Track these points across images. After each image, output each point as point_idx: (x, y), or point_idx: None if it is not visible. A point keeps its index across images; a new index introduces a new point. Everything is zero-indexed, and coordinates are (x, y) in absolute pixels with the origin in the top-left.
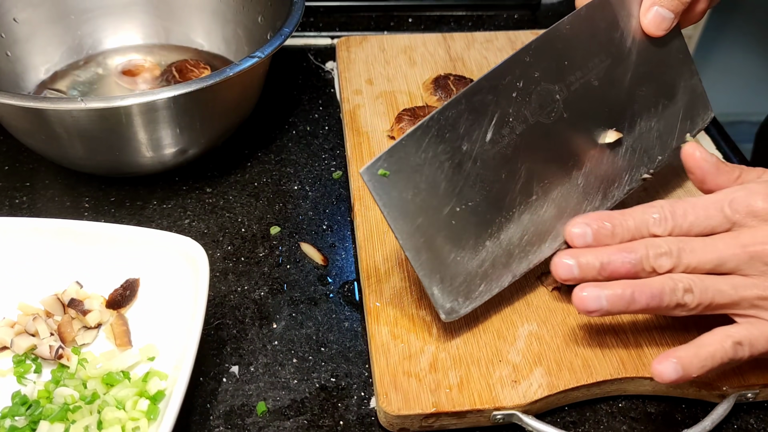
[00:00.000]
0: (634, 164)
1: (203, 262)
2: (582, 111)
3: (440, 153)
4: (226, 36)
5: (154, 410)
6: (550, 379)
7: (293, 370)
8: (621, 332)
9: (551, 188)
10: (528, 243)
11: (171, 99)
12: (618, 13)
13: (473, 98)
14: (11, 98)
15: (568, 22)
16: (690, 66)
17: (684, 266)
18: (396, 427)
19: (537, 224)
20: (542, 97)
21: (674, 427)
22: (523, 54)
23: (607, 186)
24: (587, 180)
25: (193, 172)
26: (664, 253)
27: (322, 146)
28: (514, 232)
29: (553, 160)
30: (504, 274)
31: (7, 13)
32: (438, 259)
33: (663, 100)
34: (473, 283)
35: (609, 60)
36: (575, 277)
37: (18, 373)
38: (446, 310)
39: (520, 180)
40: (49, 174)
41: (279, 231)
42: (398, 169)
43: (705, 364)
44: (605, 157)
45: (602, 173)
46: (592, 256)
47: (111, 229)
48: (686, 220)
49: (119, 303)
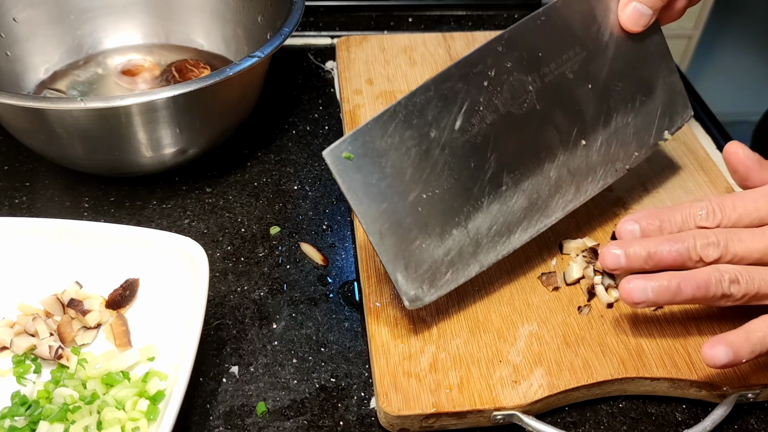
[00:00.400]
0: (609, 159)
1: (203, 262)
2: (555, 103)
3: (407, 138)
4: (225, 36)
5: (154, 410)
6: (550, 379)
7: (293, 371)
8: (621, 332)
9: (522, 179)
10: (497, 234)
11: (171, 99)
12: (595, 6)
13: (443, 85)
14: (11, 98)
15: (544, 14)
16: (669, 63)
17: (731, 256)
18: (396, 427)
19: (506, 215)
20: (514, 88)
21: (675, 427)
22: (496, 43)
23: (581, 180)
24: (559, 173)
25: (193, 172)
26: (711, 243)
27: (322, 146)
28: (482, 221)
29: (524, 151)
30: (471, 264)
31: (7, 12)
32: (402, 246)
33: (640, 96)
34: (439, 271)
35: (584, 53)
36: (622, 266)
37: (17, 373)
38: (410, 297)
39: (489, 169)
40: (48, 174)
41: (279, 231)
42: (363, 152)
43: (755, 349)
44: (579, 151)
45: (575, 167)
46: (639, 246)
47: (111, 229)
48: (735, 212)
49: (119, 303)
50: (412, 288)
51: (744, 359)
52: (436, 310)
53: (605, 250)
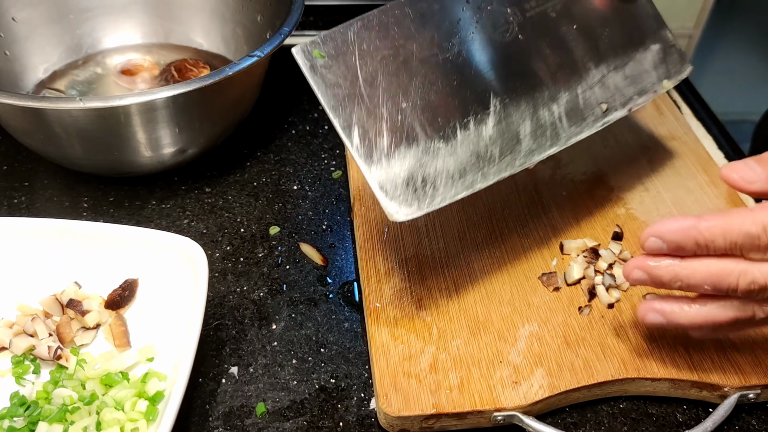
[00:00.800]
0: (607, 98)
1: (202, 263)
2: (540, 37)
3: (382, 47)
4: (225, 35)
5: (153, 411)
6: (550, 380)
7: (293, 371)
8: (622, 333)
9: (510, 106)
10: (484, 158)
11: (170, 98)
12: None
13: (418, 3)
14: (10, 98)
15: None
16: (658, 18)
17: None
18: (396, 428)
19: (493, 140)
20: (494, 17)
21: (675, 428)
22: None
23: (576, 114)
24: (551, 106)
25: (193, 172)
26: (758, 288)
27: (322, 146)
28: (469, 142)
29: (511, 78)
30: (457, 184)
31: (6, 12)
32: (380, 151)
33: (630, 44)
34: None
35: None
36: (647, 283)
37: (16, 373)
38: (392, 208)
39: (475, 89)
40: (48, 174)
41: (278, 231)
42: (335, 54)
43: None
44: (571, 85)
45: (568, 101)
46: (667, 272)
47: (110, 229)
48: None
49: (118, 303)
50: (394, 201)
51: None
52: (436, 311)
53: (628, 267)
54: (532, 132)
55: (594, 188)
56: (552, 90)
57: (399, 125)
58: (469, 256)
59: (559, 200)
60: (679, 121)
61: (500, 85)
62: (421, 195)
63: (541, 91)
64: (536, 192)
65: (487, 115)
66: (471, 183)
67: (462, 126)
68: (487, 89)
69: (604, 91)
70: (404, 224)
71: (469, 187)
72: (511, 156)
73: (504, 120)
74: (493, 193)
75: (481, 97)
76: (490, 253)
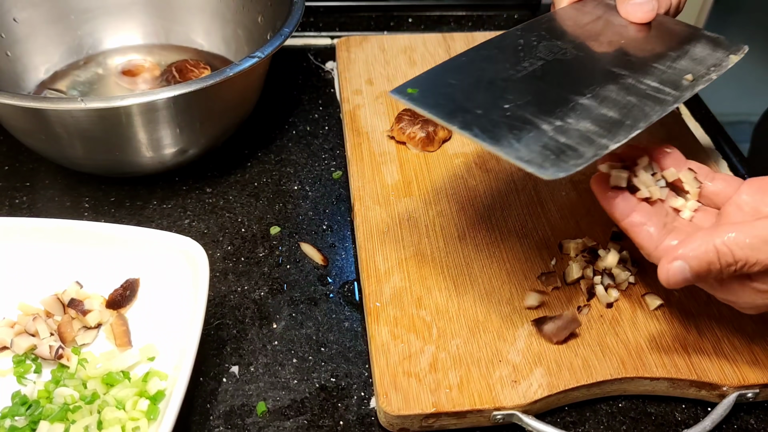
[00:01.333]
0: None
1: (203, 262)
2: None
3: (467, 76)
4: (226, 36)
5: (154, 410)
6: (550, 379)
7: (293, 370)
8: (621, 332)
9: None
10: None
11: (171, 99)
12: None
13: (480, 51)
14: (11, 98)
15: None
16: (694, 29)
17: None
18: (396, 427)
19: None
20: (548, 48)
21: (674, 427)
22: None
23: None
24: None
25: (193, 172)
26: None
27: (322, 146)
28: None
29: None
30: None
31: (7, 13)
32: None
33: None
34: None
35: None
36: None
37: (18, 373)
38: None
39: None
40: (49, 174)
41: (279, 231)
42: (428, 87)
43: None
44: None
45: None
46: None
47: (111, 229)
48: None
49: (119, 303)
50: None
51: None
52: (436, 310)
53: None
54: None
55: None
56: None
57: (512, 118)
58: (469, 256)
59: (559, 200)
60: (678, 121)
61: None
62: (564, 157)
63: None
64: (536, 192)
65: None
66: (606, 143)
67: (571, 109)
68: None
69: (681, 70)
70: (404, 224)
71: (605, 147)
72: (631, 120)
73: (605, 100)
74: (493, 193)
75: (573, 90)
76: (490, 253)
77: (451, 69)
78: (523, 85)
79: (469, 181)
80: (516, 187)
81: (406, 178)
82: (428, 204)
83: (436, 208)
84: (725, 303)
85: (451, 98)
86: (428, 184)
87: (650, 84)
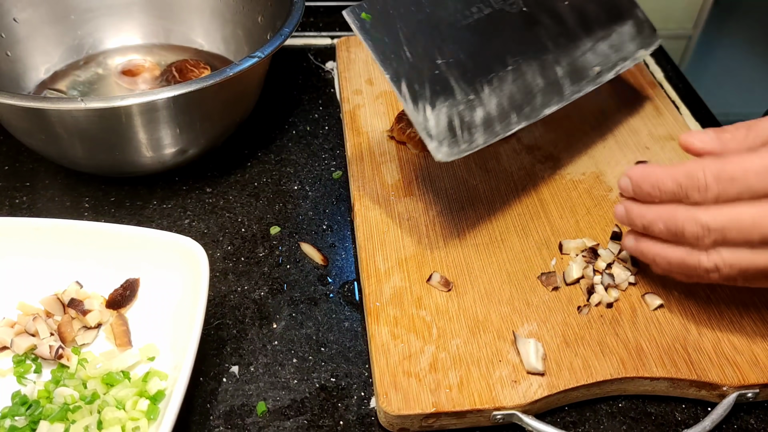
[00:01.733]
0: (599, 62)
1: (203, 262)
2: (541, 10)
3: (416, 12)
4: (225, 36)
5: (154, 410)
6: (550, 379)
7: (293, 370)
8: (621, 332)
9: (523, 63)
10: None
11: (171, 99)
12: None
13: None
14: (11, 98)
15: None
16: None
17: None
18: (396, 427)
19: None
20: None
21: (674, 427)
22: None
23: (576, 75)
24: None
25: (193, 172)
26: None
27: (322, 146)
28: (494, 95)
29: (521, 42)
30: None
31: (7, 13)
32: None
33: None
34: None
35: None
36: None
37: (18, 373)
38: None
39: (494, 51)
40: (49, 174)
41: (279, 231)
42: (379, 16)
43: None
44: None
45: (568, 63)
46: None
47: (111, 229)
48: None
49: (119, 303)
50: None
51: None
52: (436, 310)
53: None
54: (543, 89)
55: (593, 188)
56: (554, 54)
57: (437, 78)
58: (469, 256)
59: (559, 200)
60: (678, 121)
61: (513, 47)
62: (460, 140)
63: (546, 55)
64: (536, 192)
65: (506, 73)
66: (498, 131)
67: (488, 81)
68: (503, 51)
69: (596, 57)
70: (404, 224)
71: (496, 135)
72: (529, 108)
73: (520, 77)
74: (493, 193)
75: (500, 57)
76: (490, 253)
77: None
78: (462, 36)
79: (469, 181)
80: (516, 187)
81: (406, 178)
82: (428, 204)
83: (436, 208)
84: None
85: (395, 36)
86: (428, 184)
87: (561, 71)
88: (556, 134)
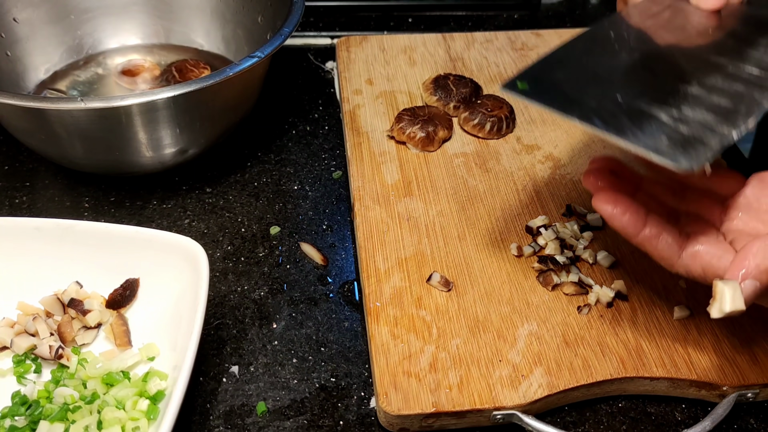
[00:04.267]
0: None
1: (203, 262)
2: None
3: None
4: (225, 36)
5: (154, 410)
6: (550, 378)
7: (293, 370)
8: (621, 332)
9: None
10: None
11: (171, 99)
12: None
13: (576, 44)
14: (11, 98)
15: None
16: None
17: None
18: (396, 427)
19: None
20: (639, 39)
21: (674, 427)
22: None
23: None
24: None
25: (193, 172)
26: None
27: (322, 146)
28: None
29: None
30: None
31: (7, 13)
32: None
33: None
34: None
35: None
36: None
37: (18, 373)
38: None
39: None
40: (49, 174)
41: (279, 231)
42: (537, 82)
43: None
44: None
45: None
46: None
47: (111, 229)
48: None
49: (119, 303)
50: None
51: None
52: (436, 310)
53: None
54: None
55: None
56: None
57: (628, 108)
58: (469, 256)
59: (559, 200)
60: None
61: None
62: (690, 150)
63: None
64: (536, 192)
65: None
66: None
67: (682, 98)
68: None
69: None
70: (404, 224)
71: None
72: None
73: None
74: (493, 193)
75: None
76: (490, 253)
77: (553, 63)
78: (628, 77)
79: (469, 181)
80: (516, 187)
81: (406, 178)
82: (428, 204)
83: (436, 208)
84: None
85: (562, 92)
86: (428, 184)
87: (752, 71)
88: (556, 134)
